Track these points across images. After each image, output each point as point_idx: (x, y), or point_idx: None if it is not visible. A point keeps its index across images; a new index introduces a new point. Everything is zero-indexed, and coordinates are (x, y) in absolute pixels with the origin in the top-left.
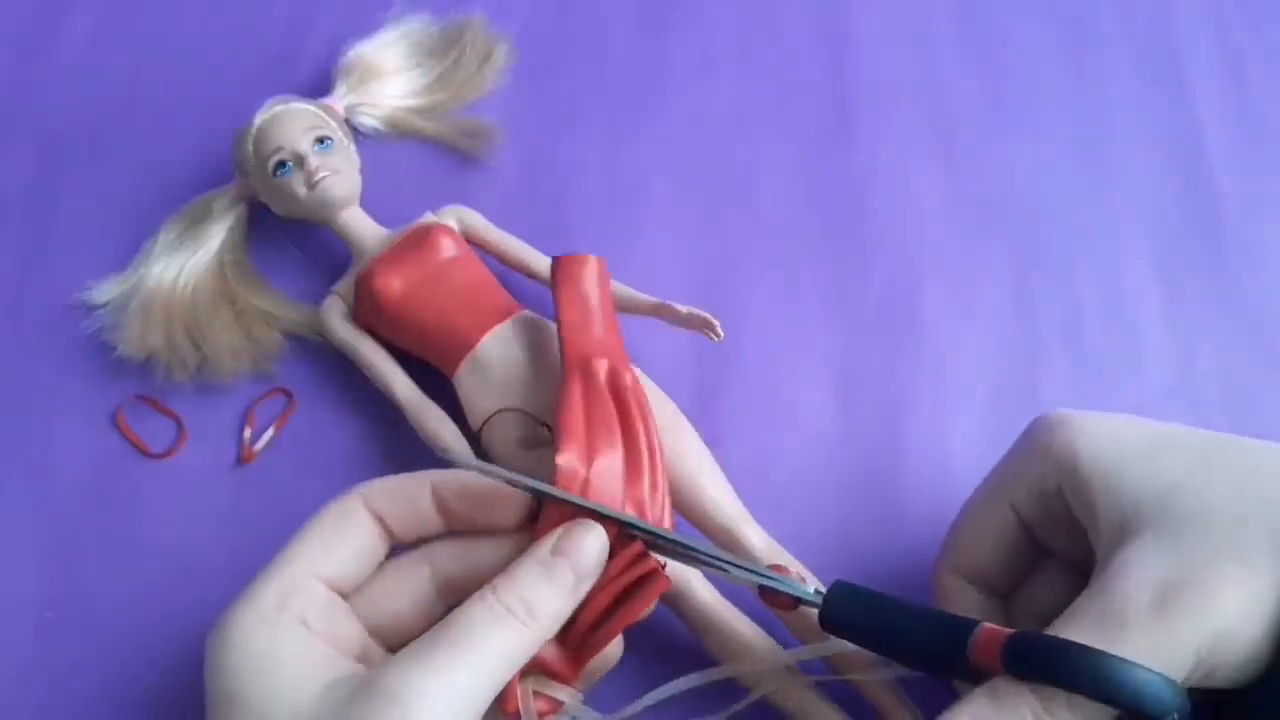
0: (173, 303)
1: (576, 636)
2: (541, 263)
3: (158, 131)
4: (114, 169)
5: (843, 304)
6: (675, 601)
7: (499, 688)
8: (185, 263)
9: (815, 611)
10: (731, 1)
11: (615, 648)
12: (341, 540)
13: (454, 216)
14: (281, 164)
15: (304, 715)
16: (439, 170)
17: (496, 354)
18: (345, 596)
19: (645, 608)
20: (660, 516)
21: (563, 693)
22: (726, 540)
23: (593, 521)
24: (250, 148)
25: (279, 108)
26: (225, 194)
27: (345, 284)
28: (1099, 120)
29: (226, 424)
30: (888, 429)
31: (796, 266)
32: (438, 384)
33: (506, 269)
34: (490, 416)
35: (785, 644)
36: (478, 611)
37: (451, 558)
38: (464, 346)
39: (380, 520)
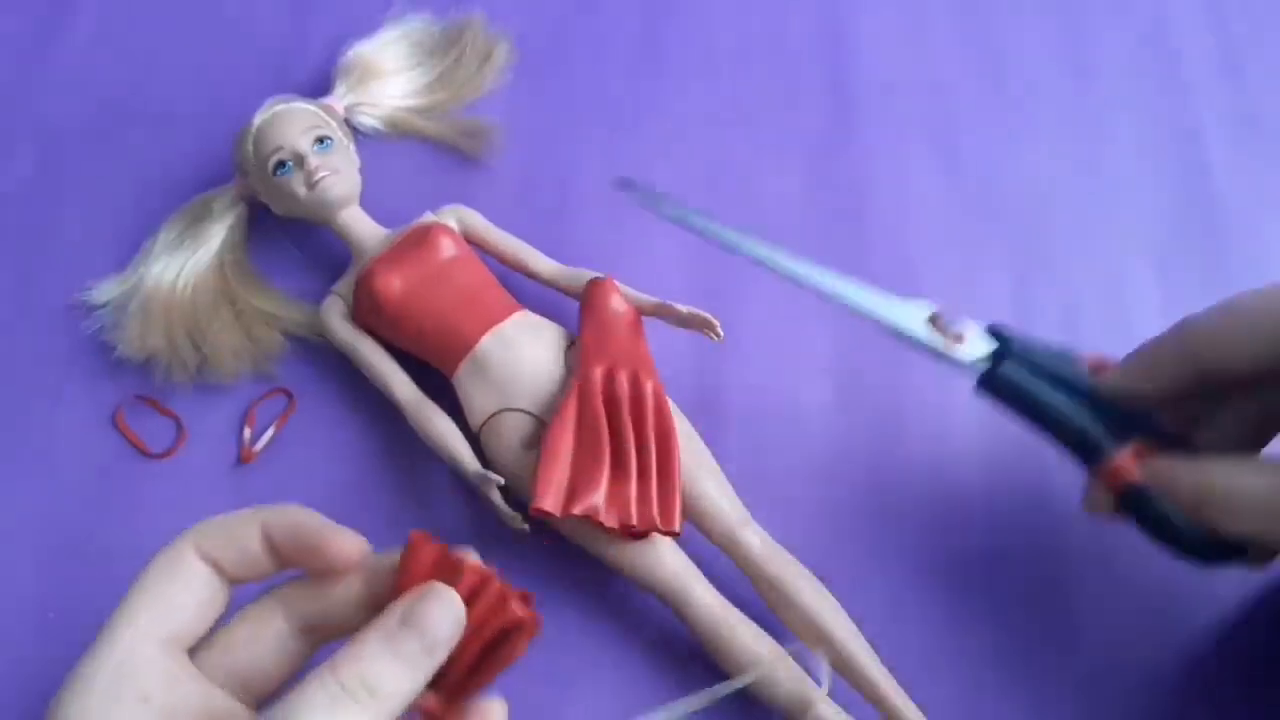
0: (173, 303)
1: (450, 686)
2: (541, 263)
3: (158, 131)
4: (114, 169)
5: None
6: (676, 605)
7: None
8: (185, 263)
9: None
10: (731, 1)
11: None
12: (176, 593)
13: (454, 216)
14: (281, 164)
15: None
16: (439, 170)
17: (496, 354)
18: (192, 651)
19: (515, 657)
20: (653, 516)
21: None
22: (726, 541)
23: (445, 588)
24: (250, 147)
25: (279, 107)
26: (225, 194)
27: (345, 284)
28: (1099, 120)
29: (226, 424)
30: (888, 429)
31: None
32: (438, 384)
33: (506, 269)
34: (490, 417)
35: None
36: (316, 695)
37: (303, 599)
38: (464, 346)
39: (214, 564)
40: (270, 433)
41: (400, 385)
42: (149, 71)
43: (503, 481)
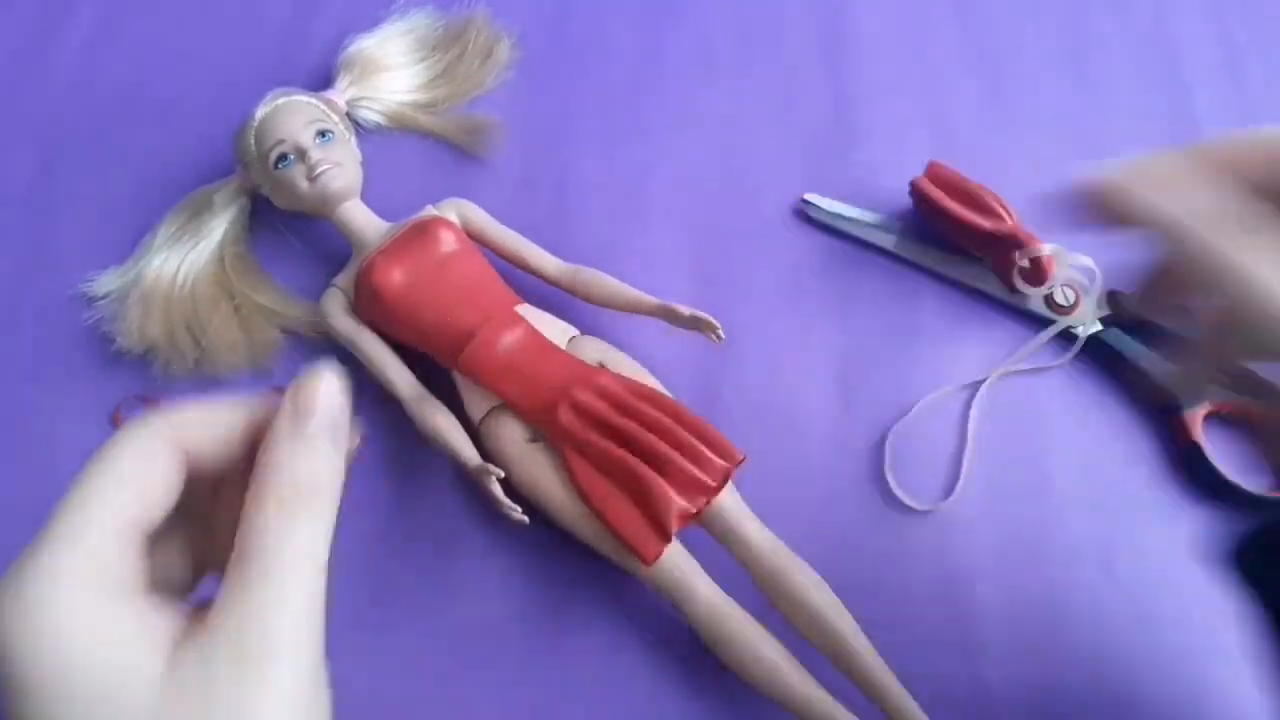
0: (172, 295)
1: None
2: (541, 259)
3: (158, 130)
4: (114, 168)
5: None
6: (677, 600)
7: (324, 573)
8: (185, 256)
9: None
10: (731, 1)
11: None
12: (150, 481)
13: (454, 210)
14: (283, 156)
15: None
16: (440, 166)
17: None
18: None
19: None
20: (720, 465)
21: None
22: (725, 533)
23: (316, 372)
24: (251, 140)
25: (280, 100)
26: (226, 187)
27: (345, 277)
28: (1099, 120)
29: None
30: (889, 428)
31: (797, 266)
32: (438, 377)
33: (506, 263)
34: (490, 410)
35: (789, 644)
36: (269, 522)
37: (195, 427)
38: (464, 339)
39: (187, 452)
40: None
41: (400, 379)
42: (150, 65)
43: (502, 474)
